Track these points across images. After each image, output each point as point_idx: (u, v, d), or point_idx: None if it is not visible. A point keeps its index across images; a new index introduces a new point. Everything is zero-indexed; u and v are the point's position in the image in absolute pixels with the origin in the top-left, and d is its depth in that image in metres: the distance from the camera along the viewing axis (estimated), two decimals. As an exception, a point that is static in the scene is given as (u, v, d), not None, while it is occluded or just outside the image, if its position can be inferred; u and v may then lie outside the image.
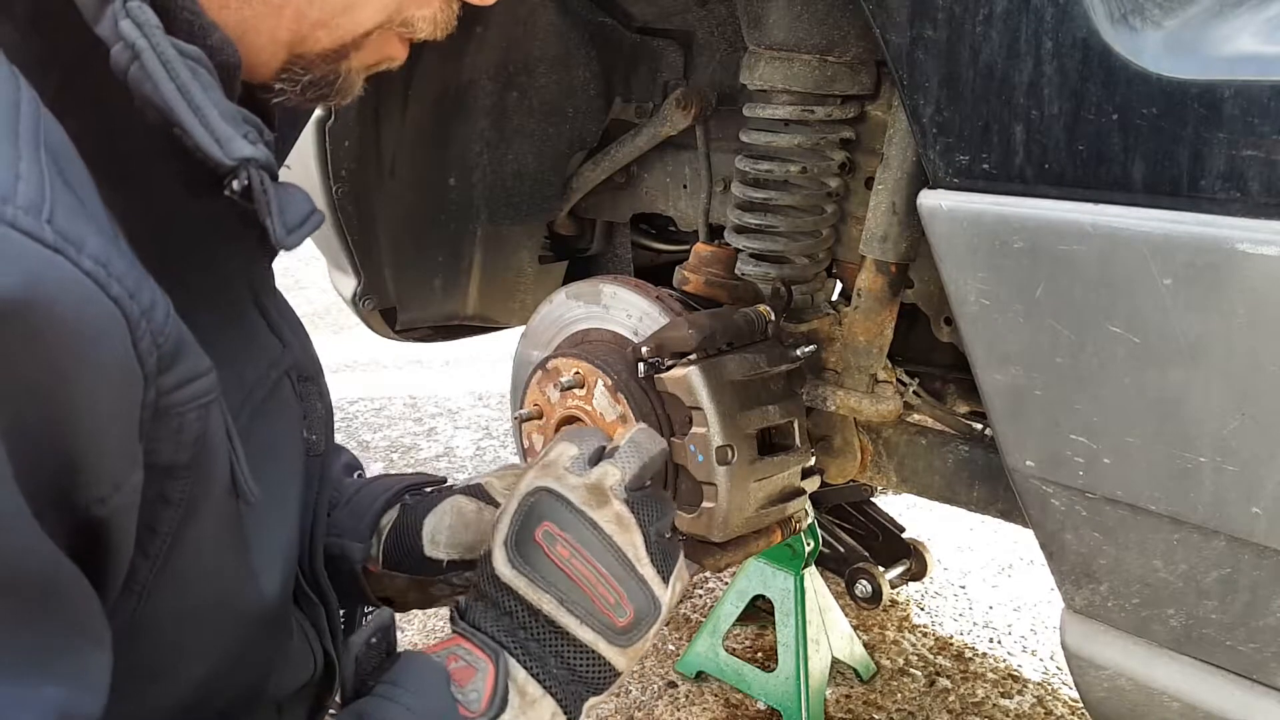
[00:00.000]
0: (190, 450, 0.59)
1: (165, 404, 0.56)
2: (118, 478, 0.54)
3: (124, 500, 0.55)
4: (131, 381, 0.54)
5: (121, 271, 0.52)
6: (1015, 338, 0.99)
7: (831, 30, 1.36)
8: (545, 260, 2.17)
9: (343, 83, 0.74)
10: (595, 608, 0.81)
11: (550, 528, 0.83)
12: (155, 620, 0.64)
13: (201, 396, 0.58)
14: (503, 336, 2.37)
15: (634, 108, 1.95)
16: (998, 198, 0.97)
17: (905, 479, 1.57)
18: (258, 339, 0.78)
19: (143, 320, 0.53)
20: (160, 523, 0.60)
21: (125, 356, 0.53)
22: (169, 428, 0.57)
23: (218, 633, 0.71)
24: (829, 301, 1.61)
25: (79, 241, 0.50)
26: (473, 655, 0.78)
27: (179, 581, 0.63)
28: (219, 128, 0.59)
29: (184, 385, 0.57)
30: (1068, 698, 1.92)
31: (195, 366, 0.58)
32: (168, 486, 0.59)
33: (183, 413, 0.57)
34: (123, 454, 0.55)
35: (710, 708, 1.87)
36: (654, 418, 1.44)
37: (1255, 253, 0.81)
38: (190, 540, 0.62)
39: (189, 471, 0.60)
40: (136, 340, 0.53)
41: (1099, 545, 1.02)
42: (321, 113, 1.68)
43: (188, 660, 0.69)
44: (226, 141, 0.59)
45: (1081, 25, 0.88)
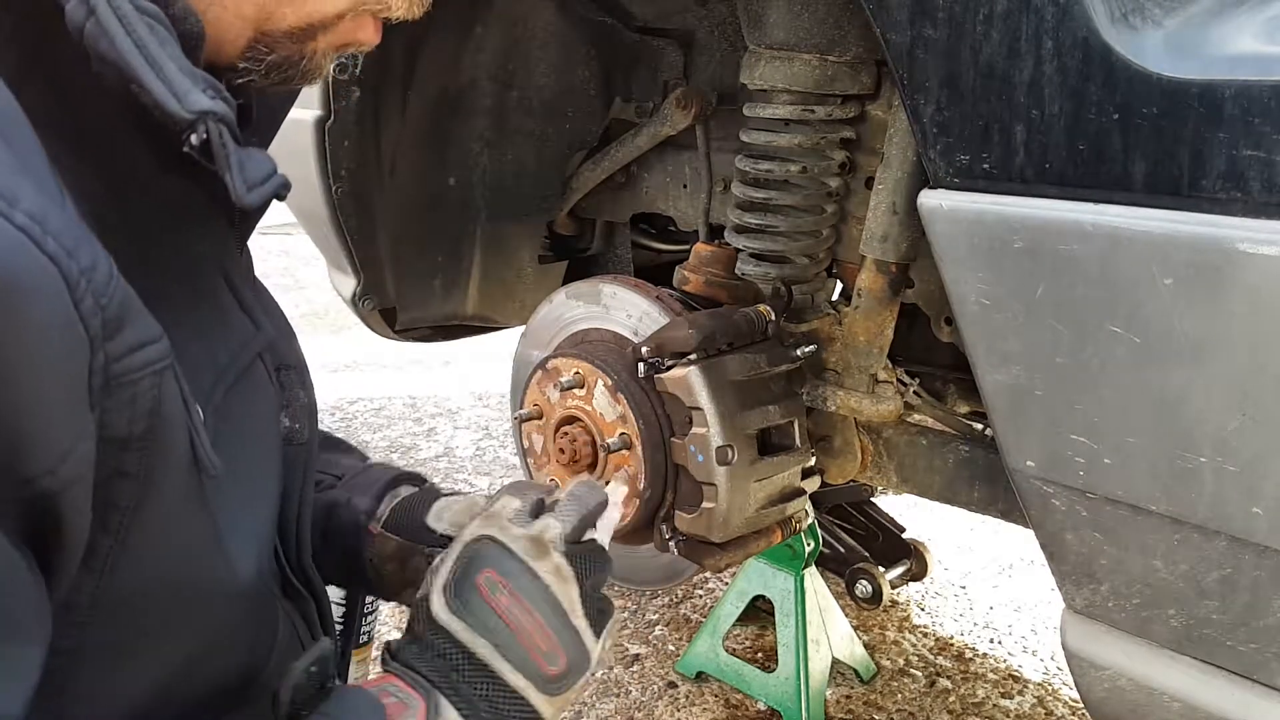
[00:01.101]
0: (145, 421, 0.57)
1: (116, 371, 0.54)
2: (66, 447, 0.52)
3: (74, 471, 0.53)
4: (75, 344, 0.52)
5: (58, 229, 0.51)
6: (1016, 338, 0.98)
7: (832, 30, 1.36)
8: (545, 260, 2.17)
9: (309, 64, 0.72)
10: (529, 656, 0.82)
11: (492, 575, 0.83)
12: (122, 597, 0.62)
13: (154, 363, 0.57)
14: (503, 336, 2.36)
15: (634, 107, 1.95)
16: (998, 197, 0.96)
17: (905, 479, 1.57)
18: (229, 319, 0.77)
19: (82, 279, 0.51)
20: (119, 497, 0.59)
21: (65, 317, 0.51)
22: (122, 398, 0.55)
23: (188, 611, 0.69)
24: (829, 301, 1.61)
25: (11, 197, 0.49)
26: (405, 693, 0.78)
27: (143, 557, 0.62)
28: (176, 81, 0.58)
29: (134, 351, 0.55)
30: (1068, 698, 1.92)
31: (145, 332, 0.56)
32: (124, 459, 0.58)
33: (135, 381, 0.56)
34: (70, 421, 0.53)
35: (710, 708, 1.87)
36: (654, 418, 1.44)
37: (1256, 253, 0.81)
38: (151, 514, 0.61)
39: (144, 443, 0.58)
40: (77, 300, 0.51)
41: (1100, 545, 1.02)
42: (321, 113, 1.68)
43: (159, 639, 0.68)
44: (184, 95, 0.58)
45: (1082, 25, 0.88)
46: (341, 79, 1.65)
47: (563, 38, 1.89)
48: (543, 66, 1.92)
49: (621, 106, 1.98)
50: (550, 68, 1.92)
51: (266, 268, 5.57)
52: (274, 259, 5.60)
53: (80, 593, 0.60)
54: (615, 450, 1.45)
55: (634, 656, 2.01)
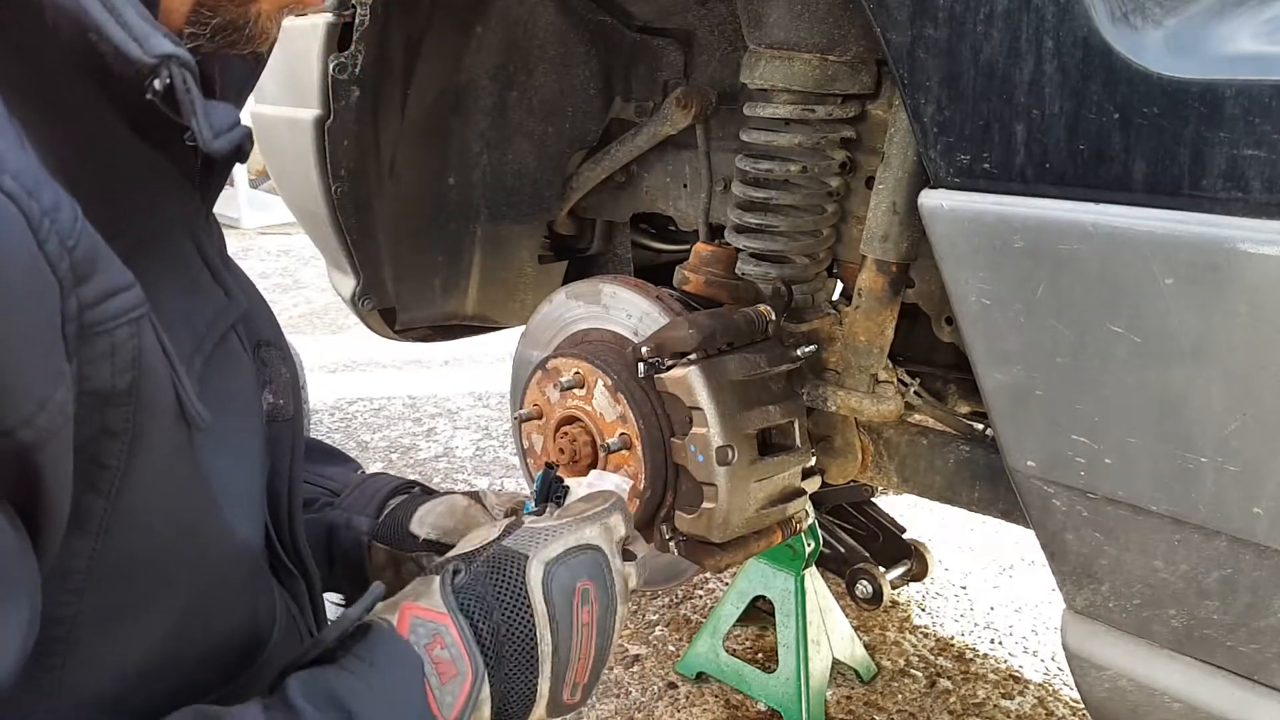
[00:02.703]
0: (128, 374, 0.56)
1: (90, 319, 0.53)
2: (40, 394, 0.50)
3: (51, 422, 0.51)
4: (42, 287, 0.50)
5: (16, 169, 0.49)
6: (1016, 337, 0.98)
7: (832, 29, 1.36)
8: (545, 260, 2.17)
9: (254, 27, 0.70)
10: (565, 678, 0.82)
11: (590, 589, 0.85)
12: (118, 561, 0.61)
13: (130, 311, 0.55)
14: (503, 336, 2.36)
15: (634, 107, 1.95)
16: (999, 197, 0.96)
17: (906, 479, 1.57)
18: (202, 289, 0.75)
19: (45, 219, 0.49)
20: (107, 456, 0.57)
21: (29, 257, 0.49)
22: (100, 348, 0.54)
23: (185, 572, 0.67)
24: (829, 301, 1.61)
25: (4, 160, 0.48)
26: (457, 651, 0.76)
27: (137, 518, 0.60)
28: (136, 25, 0.56)
29: (108, 299, 0.54)
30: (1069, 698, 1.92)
31: (116, 279, 0.54)
32: (110, 416, 0.56)
33: (112, 330, 0.54)
34: (44, 369, 0.51)
35: (710, 708, 1.86)
36: (654, 418, 1.44)
37: (1257, 252, 0.81)
38: (142, 473, 0.59)
39: (129, 398, 0.57)
40: (41, 241, 0.49)
41: (1100, 545, 1.02)
42: (321, 112, 1.68)
43: (156, 603, 0.66)
44: (145, 38, 0.56)
45: (1082, 24, 0.88)
46: (341, 79, 1.65)
47: (563, 37, 1.89)
48: (543, 66, 1.91)
49: (621, 106, 1.98)
50: (550, 68, 1.92)
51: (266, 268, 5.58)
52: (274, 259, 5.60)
53: (76, 558, 0.58)
54: (615, 450, 1.45)
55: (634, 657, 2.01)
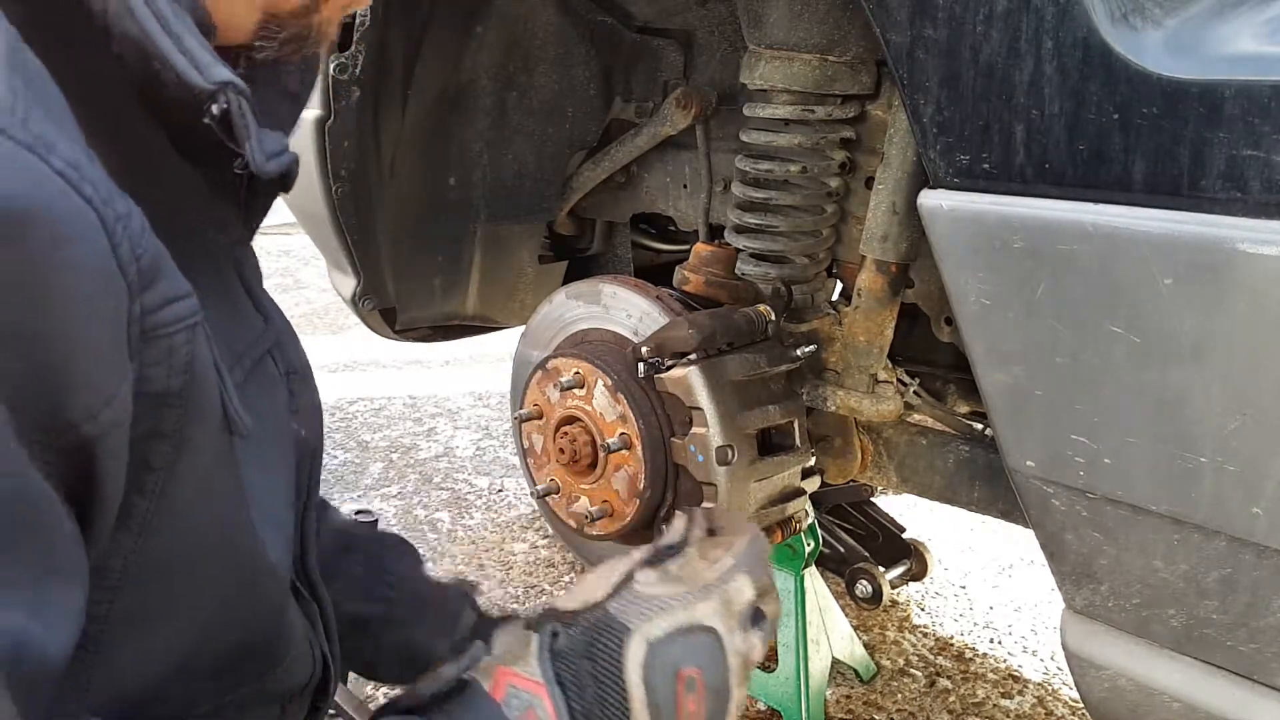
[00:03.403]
0: (182, 376, 0.58)
1: (152, 324, 0.55)
2: (107, 390, 0.53)
3: (114, 417, 0.54)
4: (113, 288, 0.53)
5: (95, 178, 0.52)
6: (1016, 338, 0.98)
7: (832, 30, 1.36)
8: (545, 260, 2.17)
9: (317, 33, 0.73)
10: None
11: (696, 676, 0.76)
12: (155, 562, 0.63)
13: (187, 318, 0.58)
14: (503, 336, 2.36)
15: (634, 107, 1.95)
16: (998, 197, 0.96)
17: (906, 479, 1.57)
18: (242, 313, 0.78)
19: (118, 225, 0.52)
20: (154, 458, 0.59)
21: (104, 260, 0.52)
22: (159, 350, 0.56)
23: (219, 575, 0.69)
24: (829, 301, 1.61)
25: (49, 143, 0.50)
26: None
27: (177, 520, 0.62)
28: (198, 54, 0.59)
29: (168, 304, 0.56)
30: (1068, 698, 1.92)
31: (177, 287, 0.57)
32: (161, 417, 0.58)
33: (170, 334, 0.57)
34: (110, 364, 0.53)
35: (710, 708, 1.87)
36: (654, 418, 1.44)
37: (1256, 253, 0.81)
38: (186, 476, 0.61)
39: (181, 400, 0.59)
40: (114, 245, 0.52)
41: (1099, 545, 1.02)
42: (321, 112, 1.68)
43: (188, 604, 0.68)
44: (205, 67, 0.59)
45: (1082, 25, 0.88)
46: (341, 79, 1.65)
47: (563, 38, 1.89)
48: (543, 66, 1.92)
49: (621, 106, 1.98)
50: (550, 68, 1.92)
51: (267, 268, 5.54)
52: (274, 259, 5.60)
53: (115, 557, 0.60)
54: (615, 450, 1.45)
55: (634, 656, 2.01)
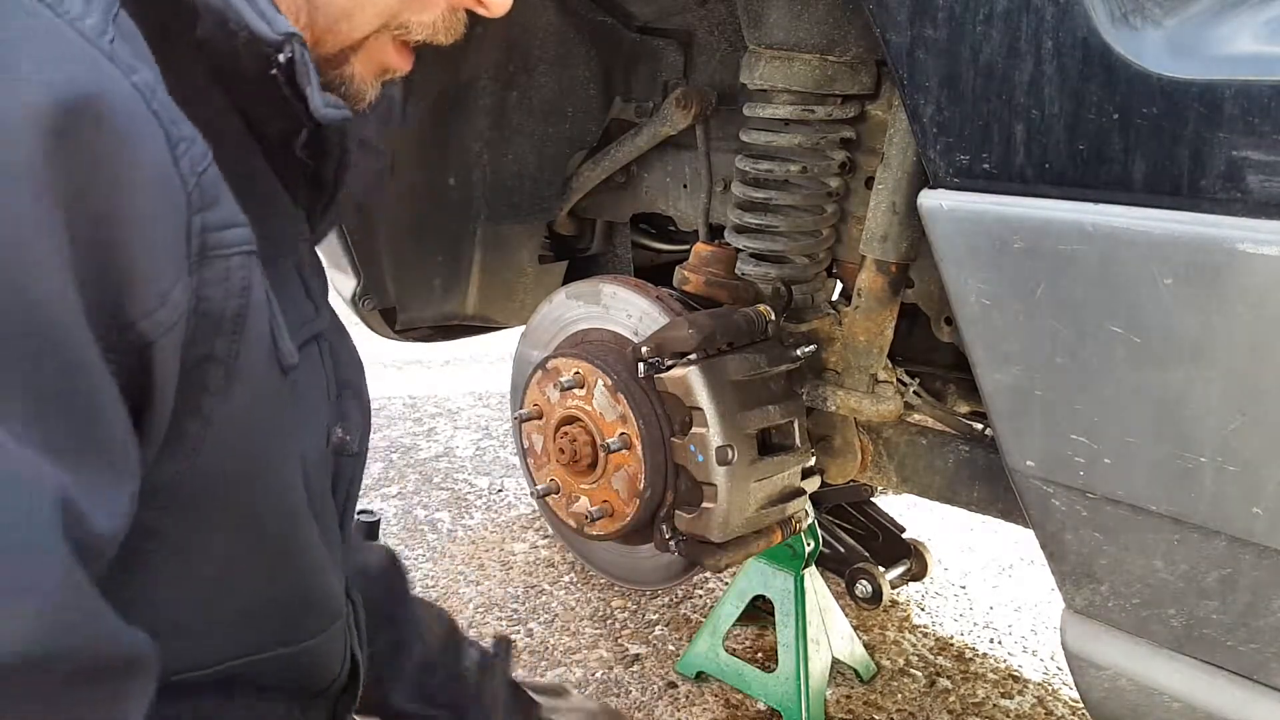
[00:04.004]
0: (238, 300, 0.62)
1: (212, 243, 0.60)
2: (163, 289, 0.57)
3: (168, 317, 0.57)
4: (173, 195, 0.57)
5: (165, 102, 0.57)
6: (1015, 338, 0.98)
7: (832, 30, 1.36)
8: (545, 260, 2.17)
9: (351, 89, 0.78)
10: None
11: None
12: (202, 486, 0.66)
13: (244, 244, 0.63)
14: (503, 336, 2.36)
15: (634, 107, 1.95)
16: (998, 197, 0.96)
17: (905, 479, 1.57)
18: (295, 300, 0.82)
19: (181, 143, 0.58)
20: (209, 381, 0.63)
21: (165, 167, 0.57)
22: (218, 270, 0.61)
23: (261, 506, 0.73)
24: (829, 301, 1.61)
25: (131, 67, 0.56)
26: None
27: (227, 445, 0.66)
28: (268, 10, 0.66)
29: (227, 228, 0.61)
30: (1068, 698, 1.92)
31: (234, 214, 0.62)
32: (215, 343, 0.62)
33: (228, 256, 0.61)
34: (168, 264, 0.57)
35: (710, 708, 1.86)
36: (654, 418, 1.44)
37: (1256, 253, 0.81)
38: (237, 401, 0.65)
39: (235, 326, 0.63)
40: (176, 158, 0.57)
41: (1099, 545, 1.02)
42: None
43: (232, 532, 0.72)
44: (273, 19, 0.65)
45: (1082, 25, 0.88)
46: (341, 79, 1.65)
47: (563, 38, 1.89)
48: (543, 66, 1.91)
49: (621, 106, 1.98)
50: (550, 68, 1.92)
51: (266, 268, 5.57)
52: (274, 259, 5.59)
53: (164, 477, 0.63)
54: (615, 450, 1.45)
55: (634, 656, 2.01)
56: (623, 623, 2.13)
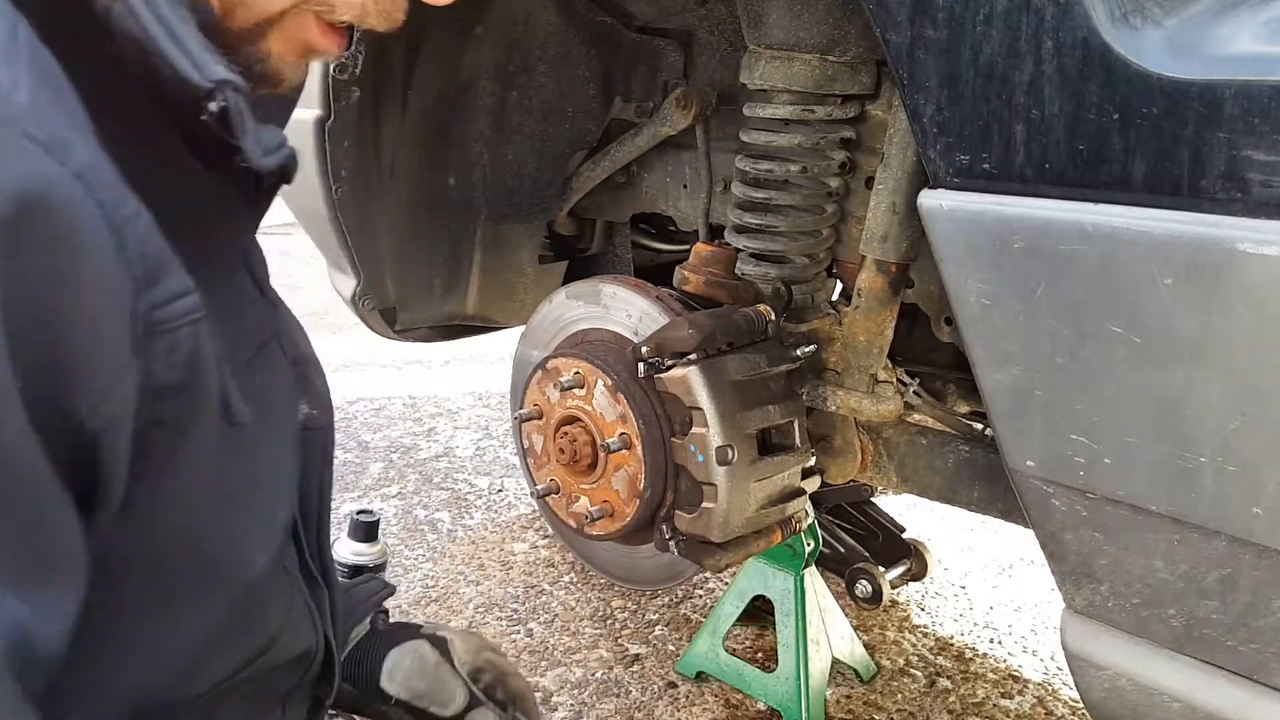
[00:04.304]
0: (183, 369, 0.61)
1: (157, 319, 0.58)
2: (110, 383, 0.55)
3: (116, 410, 0.56)
4: (120, 286, 0.55)
5: (107, 180, 0.55)
6: (1015, 338, 0.98)
7: (832, 30, 1.36)
8: (545, 260, 2.17)
9: (267, 68, 0.72)
10: None
11: None
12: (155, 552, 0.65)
13: (190, 314, 0.60)
14: (503, 336, 2.36)
15: (634, 107, 1.95)
16: (998, 197, 0.96)
17: (905, 479, 1.57)
18: (249, 299, 0.81)
19: (127, 226, 0.55)
20: (155, 446, 0.61)
21: (113, 259, 0.54)
22: (163, 346, 0.59)
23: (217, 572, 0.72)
24: (829, 301, 1.61)
25: (66, 145, 0.53)
26: None
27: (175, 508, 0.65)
28: (196, 53, 0.61)
29: (173, 300, 0.59)
30: (1068, 698, 1.92)
31: (181, 283, 0.60)
32: (161, 408, 0.60)
33: (174, 329, 0.59)
34: (115, 359, 0.56)
35: (710, 708, 1.86)
36: (654, 418, 1.44)
37: (1256, 253, 0.81)
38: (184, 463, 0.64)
39: (182, 391, 0.61)
40: (122, 243, 0.55)
41: (1099, 545, 1.02)
42: (321, 113, 1.68)
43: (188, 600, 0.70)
44: (203, 65, 0.61)
45: (1082, 25, 0.88)
46: (341, 79, 1.65)
47: (563, 37, 1.89)
48: (543, 66, 1.92)
49: (621, 106, 1.98)
50: (550, 68, 1.92)
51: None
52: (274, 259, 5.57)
53: (115, 545, 0.62)
54: (615, 450, 1.45)
55: (634, 656, 2.01)
56: (623, 623, 2.13)
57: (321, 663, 0.90)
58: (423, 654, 1.08)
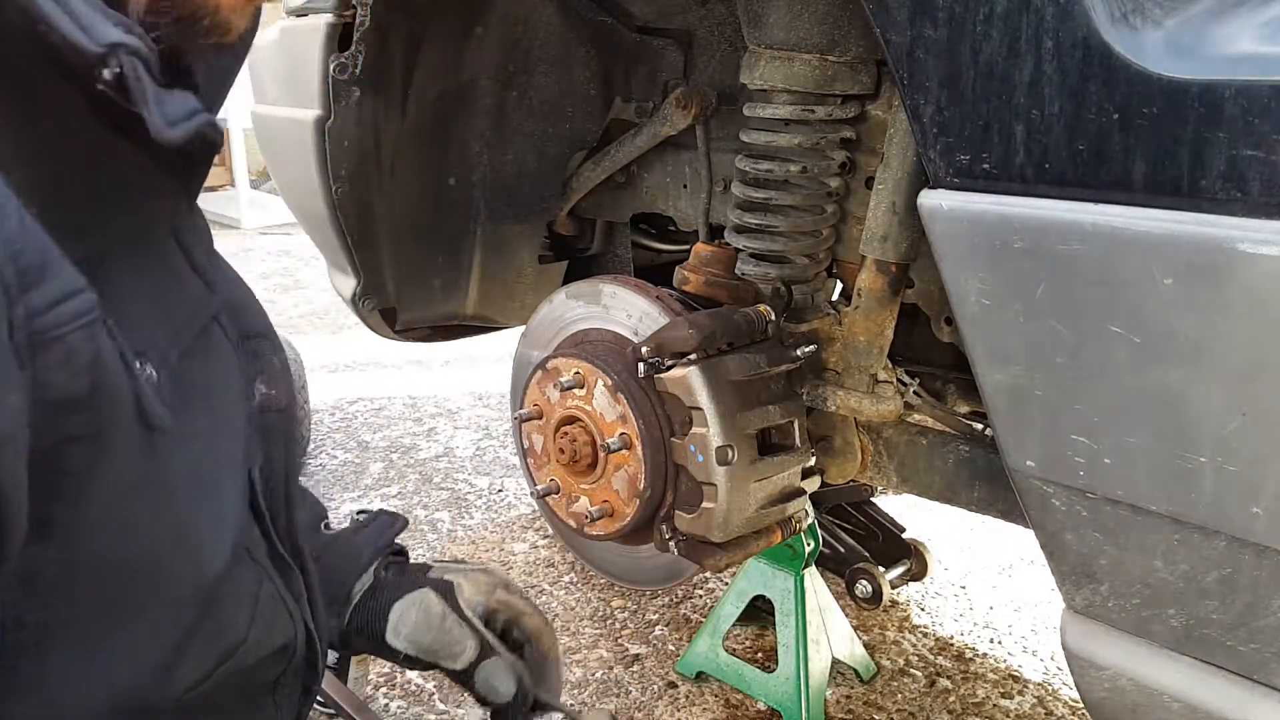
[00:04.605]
0: (86, 377, 0.55)
1: (42, 326, 0.52)
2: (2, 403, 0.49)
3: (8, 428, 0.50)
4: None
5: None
6: (1015, 338, 0.98)
7: (832, 29, 1.36)
8: (545, 260, 2.17)
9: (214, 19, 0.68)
10: None
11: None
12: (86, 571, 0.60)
13: (82, 316, 0.54)
14: (503, 336, 2.36)
15: (634, 107, 1.95)
16: (998, 197, 0.96)
17: (905, 479, 1.57)
18: (182, 282, 0.75)
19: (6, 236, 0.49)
20: (71, 463, 0.56)
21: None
22: (56, 355, 0.53)
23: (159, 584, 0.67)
24: (829, 301, 1.61)
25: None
26: None
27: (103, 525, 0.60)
28: (83, 14, 0.55)
29: (59, 304, 0.53)
30: (1068, 698, 1.92)
31: (68, 284, 0.53)
32: (71, 423, 0.55)
33: (65, 335, 0.53)
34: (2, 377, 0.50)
35: (710, 708, 1.86)
36: (654, 418, 1.44)
37: (1256, 253, 0.81)
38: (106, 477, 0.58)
39: (89, 402, 0.56)
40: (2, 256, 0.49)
41: (1099, 545, 1.02)
42: (321, 113, 1.68)
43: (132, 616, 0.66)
44: (91, 27, 0.55)
45: (1082, 24, 0.88)
46: (342, 79, 1.65)
47: (563, 38, 1.89)
48: (543, 66, 1.92)
49: (621, 106, 1.98)
50: (550, 68, 1.92)
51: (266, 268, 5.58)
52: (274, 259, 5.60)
53: (43, 564, 0.58)
54: (615, 450, 1.45)
55: (634, 656, 2.01)
56: (623, 623, 2.13)
57: (305, 651, 0.86)
58: (428, 605, 1.03)
